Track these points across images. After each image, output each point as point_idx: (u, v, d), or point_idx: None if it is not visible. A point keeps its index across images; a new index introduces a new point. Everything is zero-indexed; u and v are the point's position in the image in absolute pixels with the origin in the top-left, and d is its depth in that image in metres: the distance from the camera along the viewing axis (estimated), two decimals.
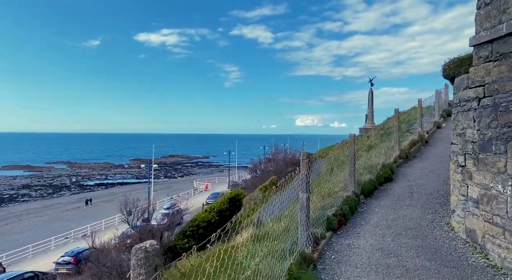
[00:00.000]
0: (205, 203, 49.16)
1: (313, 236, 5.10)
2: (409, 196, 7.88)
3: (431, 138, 13.92)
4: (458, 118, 5.81)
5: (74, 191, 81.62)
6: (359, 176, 8.13)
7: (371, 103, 51.17)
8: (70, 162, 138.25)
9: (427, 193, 7.92)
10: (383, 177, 8.97)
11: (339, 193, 7.10)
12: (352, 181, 7.51)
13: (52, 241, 36.35)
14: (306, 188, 5.16)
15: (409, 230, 5.94)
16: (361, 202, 7.60)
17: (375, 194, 8.25)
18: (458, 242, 5.37)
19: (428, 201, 7.43)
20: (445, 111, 18.92)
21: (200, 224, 22.86)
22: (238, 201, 27.30)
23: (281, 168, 43.82)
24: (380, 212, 7.00)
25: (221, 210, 24.56)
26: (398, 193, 8.18)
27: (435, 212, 6.79)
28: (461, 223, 5.56)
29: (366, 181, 8.16)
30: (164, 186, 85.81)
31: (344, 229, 6.15)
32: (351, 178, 7.50)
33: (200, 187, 69.50)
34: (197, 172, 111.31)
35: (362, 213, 7.00)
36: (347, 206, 6.61)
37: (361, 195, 7.80)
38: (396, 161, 10.47)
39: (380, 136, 25.90)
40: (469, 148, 5.28)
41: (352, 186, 7.53)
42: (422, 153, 11.94)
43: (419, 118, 13.72)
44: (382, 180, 8.93)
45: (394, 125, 11.06)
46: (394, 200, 7.72)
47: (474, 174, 5.12)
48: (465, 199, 5.43)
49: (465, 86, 5.43)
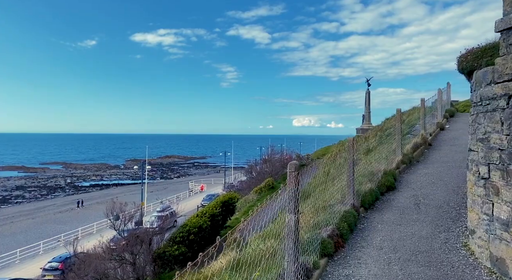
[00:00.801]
0: (200, 205, 48.11)
1: (304, 267, 4.10)
2: (416, 208, 6.89)
3: (434, 141, 12.95)
4: (478, 120, 4.82)
5: (68, 192, 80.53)
6: (358, 186, 7.13)
7: (368, 104, 50.26)
8: (65, 163, 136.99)
9: (436, 205, 6.93)
10: (385, 186, 7.98)
11: (335, 207, 6.10)
12: (351, 192, 6.52)
13: (41, 245, 35.23)
14: (294, 208, 4.17)
15: (419, 254, 4.95)
16: (361, 216, 6.60)
17: (377, 205, 7.26)
18: (482, 272, 4.37)
19: (438, 215, 6.44)
20: (448, 111, 18.01)
21: (191, 229, 21.80)
22: (232, 205, 26.26)
23: (277, 169, 42.83)
24: (384, 229, 6.01)
25: (213, 215, 23.51)
26: (402, 204, 7.19)
27: (448, 230, 5.79)
28: (485, 248, 4.57)
29: (367, 191, 7.17)
30: (160, 187, 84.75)
31: (342, 253, 5.14)
32: (349, 189, 6.50)
33: (195, 189, 68.43)
34: (193, 173, 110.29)
35: (362, 230, 6.00)
36: (345, 223, 5.60)
37: (361, 207, 6.81)
38: (398, 167, 9.48)
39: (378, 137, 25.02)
40: (494, 157, 4.30)
41: (350, 197, 6.53)
42: (426, 157, 10.96)
43: (421, 119, 12.75)
44: (384, 189, 7.94)
45: (396, 127, 10.09)
46: (398, 213, 6.72)
47: (503, 190, 4.14)
48: (489, 219, 4.44)
49: (489, 81, 4.44)
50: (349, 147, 6.32)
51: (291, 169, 4.22)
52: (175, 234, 21.72)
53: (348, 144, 6.33)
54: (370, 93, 50.09)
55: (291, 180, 4.19)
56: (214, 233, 24.42)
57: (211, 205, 24.11)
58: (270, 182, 37.97)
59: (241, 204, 35.53)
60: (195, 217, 22.79)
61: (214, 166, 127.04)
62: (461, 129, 14.69)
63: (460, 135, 13.54)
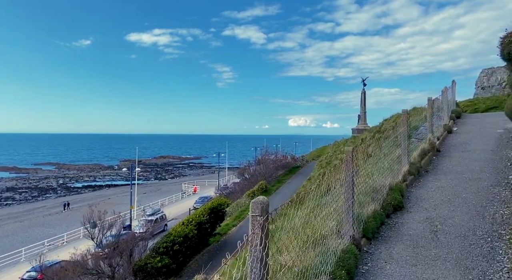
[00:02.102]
0: (193, 208, 46.51)
1: None
2: (433, 238, 5.34)
3: (443, 146, 11.44)
4: None
5: (60, 194, 79.05)
6: (359, 209, 5.57)
7: (363, 104, 48.92)
8: (58, 163, 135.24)
9: (459, 234, 5.38)
10: (392, 206, 6.43)
11: (329, 242, 4.53)
12: (350, 219, 4.95)
13: (23, 252, 33.59)
14: (260, 273, 2.60)
15: None
16: (363, 251, 5.05)
17: (383, 233, 5.70)
18: None
19: (465, 250, 4.89)
20: (454, 112, 16.51)
21: (176, 239, 20.18)
22: (221, 211, 24.65)
23: (271, 171, 41.32)
24: (394, 272, 4.46)
25: (200, 223, 21.89)
26: (415, 232, 5.64)
27: (484, 274, 4.25)
28: None
29: (369, 214, 5.62)
30: (153, 188, 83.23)
31: None
32: (348, 215, 4.94)
33: (188, 190, 66.86)
34: (188, 174, 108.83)
35: (366, 275, 4.45)
36: (343, 271, 4.04)
37: (363, 238, 5.26)
38: (405, 179, 7.94)
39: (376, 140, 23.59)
40: None
41: (349, 226, 4.97)
42: (436, 166, 9.43)
43: (429, 121, 11.23)
44: (391, 209, 6.39)
45: (400, 131, 8.54)
46: (411, 246, 5.17)
47: None
48: None
49: None
50: (346, 161, 4.76)
51: (255, 212, 2.65)
52: (158, 244, 20.11)
53: (345, 158, 4.77)
54: (365, 93, 48.75)
55: (255, 230, 2.62)
56: (202, 242, 22.82)
57: (198, 212, 22.52)
58: (263, 185, 36.40)
59: (233, 208, 33.95)
60: (181, 225, 21.20)
61: (209, 166, 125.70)
62: (471, 132, 13.21)
63: (471, 139, 12.05)
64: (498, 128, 13.13)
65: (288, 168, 46.02)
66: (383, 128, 21.86)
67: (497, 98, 34.92)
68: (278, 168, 43.32)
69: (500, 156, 9.57)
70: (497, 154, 9.80)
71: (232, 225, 28.14)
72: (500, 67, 59.99)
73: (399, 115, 22.99)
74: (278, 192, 37.18)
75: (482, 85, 61.55)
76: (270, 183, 39.51)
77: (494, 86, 59.19)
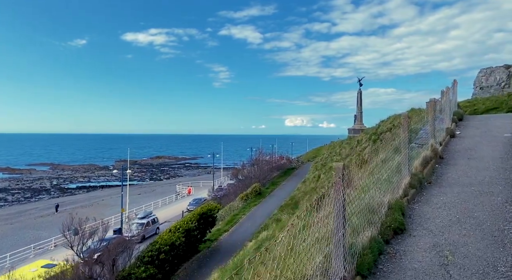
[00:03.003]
0: (186, 210, 45.41)
1: None
2: (444, 276, 4.29)
3: (446, 152, 10.42)
4: None
5: (53, 195, 77.95)
6: (352, 237, 4.52)
7: (359, 104, 48.03)
8: (53, 164, 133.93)
9: (477, 270, 4.34)
10: (392, 229, 5.40)
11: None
12: (340, 254, 3.91)
13: (8, 258, 32.40)
14: None
15: None
16: None
17: (381, 267, 4.66)
18: None
19: None
20: (456, 114, 15.51)
21: (162, 247, 19.08)
22: (211, 217, 23.58)
23: (265, 173, 40.29)
24: None
25: (188, 230, 20.78)
26: (421, 265, 4.60)
27: None
28: None
29: (365, 244, 4.58)
30: (148, 189, 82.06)
31: None
32: (338, 250, 3.89)
33: (182, 192, 65.76)
34: (184, 174, 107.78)
35: None
36: None
37: (358, 276, 4.21)
38: (406, 194, 6.91)
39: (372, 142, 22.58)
40: None
41: (339, 262, 3.92)
42: (440, 176, 8.40)
43: (430, 125, 10.20)
44: (390, 234, 5.35)
45: (400, 137, 7.50)
46: None
47: None
48: None
49: None
50: (336, 185, 3.70)
51: None
52: (143, 252, 19.02)
53: (334, 179, 3.72)
54: (361, 93, 47.89)
55: None
56: (191, 249, 21.75)
57: (186, 219, 21.44)
58: (257, 188, 35.35)
59: (225, 212, 32.89)
60: (167, 232, 20.11)
61: (205, 167, 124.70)
62: (475, 136, 12.21)
63: (476, 144, 11.04)
64: (505, 132, 12.14)
65: (283, 170, 45.04)
66: (380, 130, 20.87)
67: (497, 98, 33.99)
68: (273, 170, 42.33)
69: (511, 164, 8.57)
70: (507, 162, 8.80)
71: (224, 230, 27.09)
72: (498, 66, 59.18)
73: (396, 116, 21.98)
74: (273, 195, 36.16)
75: (481, 85, 60.72)
76: (265, 185, 38.48)
77: (493, 86, 58.35)
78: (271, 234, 14.99)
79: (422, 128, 13.19)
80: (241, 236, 25.40)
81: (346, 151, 29.16)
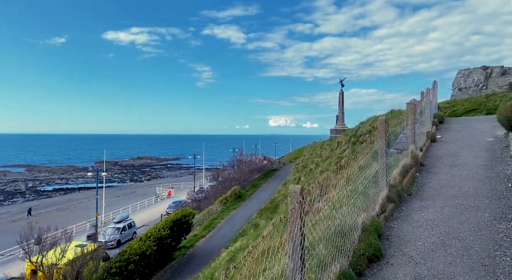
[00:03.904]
0: (165, 213, 44.10)
1: None
2: None
3: (427, 158, 9.74)
4: None
5: (28, 198, 75.12)
6: (317, 273, 3.66)
7: (341, 104, 47.78)
8: (29, 165, 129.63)
9: None
10: (366, 257, 4.58)
11: None
12: None
13: None
14: None
15: None
16: None
17: None
18: None
19: None
20: (436, 116, 14.94)
21: (131, 257, 17.91)
22: (186, 223, 22.48)
23: (246, 175, 39.38)
24: None
25: (160, 238, 19.65)
26: None
27: None
28: None
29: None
30: (128, 191, 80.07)
31: None
32: None
33: (162, 194, 64.24)
34: (165, 175, 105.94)
35: None
36: None
37: None
38: (384, 210, 6.12)
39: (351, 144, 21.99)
40: None
41: None
42: (421, 186, 7.68)
43: (410, 129, 9.50)
44: (365, 263, 4.53)
45: (378, 145, 6.71)
46: None
47: None
48: None
49: None
50: (292, 217, 2.83)
51: None
52: (111, 263, 17.83)
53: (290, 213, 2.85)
54: (343, 94, 47.63)
55: None
56: (164, 257, 20.65)
57: (158, 226, 20.31)
58: (236, 191, 34.39)
59: (204, 216, 31.83)
60: (138, 241, 18.95)
61: (187, 167, 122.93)
62: (457, 141, 11.60)
63: (458, 150, 10.41)
64: (487, 136, 11.59)
65: (264, 171, 44.22)
66: (359, 132, 20.26)
67: (476, 100, 34.05)
68: (254, 171, 41.48)
69: (496, 173, 7.92)
70: (492, 170, 8.15)
71: (201, 236, 26.07)
72: (476, 68, 59.99)
73: (375, 118, 21.41)
74: (253, 198, 35.30)
75: (459, 86, 61.37)
76: (245, 188, 37.57)
77: (471, 87, 59.01)
78: (245, 243, 14.12)
79: (402, 132, 12.52)
80: (219, 242, 24.45)
81: (327, 153, 28.56)
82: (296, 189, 3.09)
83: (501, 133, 11.33)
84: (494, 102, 29.88)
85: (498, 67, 54.31)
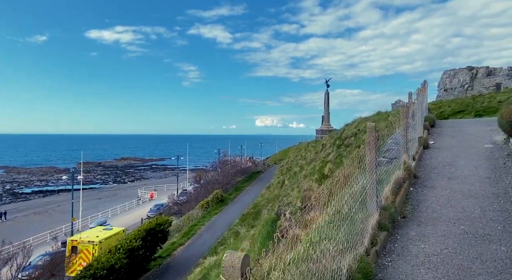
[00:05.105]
0: (146, 217, 42.38)
1: None
2: None
3: (420, 169, 8.57)
4: None
5: (5, 201, 72.16)
6: None
7: (327, 105, 47.01)
8: (7, 167, 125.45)
9: None
10: None
11: None
12: None
13: None
14: None
15: None
16: None
17: None
18: None
19: None
20: (427, 119, 13.85)
21: (98, 272, 16.32)
22: (161, 232, 20.95)
23: (229, 178, 37.97)
24: None
25: (132, 249, 18.08)
26: None
27: None
28: None
29: None
30: (110, 193, 77.82)
31: None
32: None
33: (144, 196, 62.33)
34: (149, 176, 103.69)
35: None
36: None
37: None
38: (374, 241, 4.88)
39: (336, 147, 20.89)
40: None
41: None
42: (417, 206, 6.47)
43: (403, 136, 8.32)
44: None
45: (366, 159, 5.45)
46: None
47: None
48: None
49: None
50: None
51: None
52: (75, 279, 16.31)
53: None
54: (329, 94, 46.87)
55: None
56: (136, 270, 19.12)
57: (130, 236, 18.73)
58: (218, 195, 32.93)
59: (184, 221, 30.32)
60: (106, 254, 17.40)
61: (172, 168, 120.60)
62: (452, 147, 10.47)
63: (455, 158, 9.27)
64: (484, 142, 10.51)
65: (248, 174, 42.90)
66: (344, 135, 19.12)
67: (462, 101, 33.38)
68: (237, 174, 40.08)
69: (503, 188, 6.78)
70: (497, 184, 7.01)
71: (179, 243, 24.60)
72: (462, 68, 59.80)
73: (361, 120, 20.32)
74: (236, 202, 33.96)
75: (445, 87, 61.09)
76: (228, 191, 36.17)
77: (456, 88, 58.75)
78: (220, 258, 12.77)
79: (391, 137, 11.33)
80: (198, 250, 23.08)
81: (311, 155, 27.41)
82: (234, 262, 1.77)
83: (500, 138, 10.28)
84: (481, 103, 29.20)
85: (483, 68, 54.11)
